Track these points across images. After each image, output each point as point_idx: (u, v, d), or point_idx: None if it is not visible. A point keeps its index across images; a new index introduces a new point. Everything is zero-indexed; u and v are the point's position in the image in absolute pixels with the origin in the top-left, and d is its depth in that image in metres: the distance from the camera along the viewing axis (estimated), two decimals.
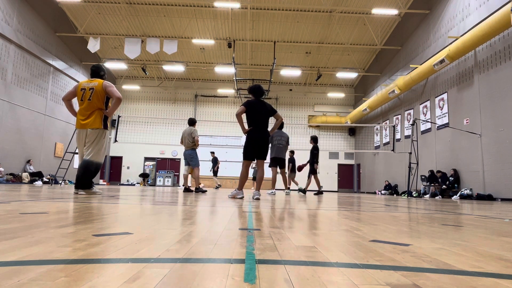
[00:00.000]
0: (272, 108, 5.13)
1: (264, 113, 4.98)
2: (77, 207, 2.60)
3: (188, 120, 8.33)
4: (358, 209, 3.63)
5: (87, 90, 4.55)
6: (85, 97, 4.52)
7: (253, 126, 4.94)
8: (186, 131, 8.05)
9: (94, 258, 0.91)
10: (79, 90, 4.57)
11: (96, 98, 4.54)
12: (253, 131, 4.93)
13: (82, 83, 4.64)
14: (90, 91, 4.54)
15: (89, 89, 4.55)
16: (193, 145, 7.97)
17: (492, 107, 10.42)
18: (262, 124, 4.97)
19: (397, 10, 14.86)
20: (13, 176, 13.32)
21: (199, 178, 8.00)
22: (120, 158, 22.90)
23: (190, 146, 7.97)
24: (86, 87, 4.57)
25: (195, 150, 8.05)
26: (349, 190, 23.24)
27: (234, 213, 2.54)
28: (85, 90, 4.55)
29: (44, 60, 15.81)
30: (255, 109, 4.94)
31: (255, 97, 5.11)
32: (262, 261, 0.94)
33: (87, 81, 4.64)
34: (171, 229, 1.52)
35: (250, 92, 5.15)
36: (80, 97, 4.54)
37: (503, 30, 9.59)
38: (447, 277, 0.82)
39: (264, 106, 5.00)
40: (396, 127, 16.12)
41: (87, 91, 4.54)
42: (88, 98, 4.51)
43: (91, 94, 4.52)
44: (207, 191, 9.19)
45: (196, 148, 8.06)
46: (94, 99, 4.53)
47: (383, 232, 1.67)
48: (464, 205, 5.56)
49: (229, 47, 18.63)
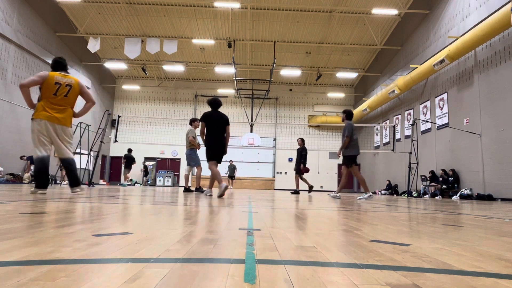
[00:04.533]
0: (227, 120, 5.78)
1: (220, 123, 5.66)
2: (77, 207, 2.60)
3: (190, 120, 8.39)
4: (358, 209, 3.63)
5: (63, 86, 4.35)
6: (61, 93, 4.34)
7: (210, 135, 5.60)
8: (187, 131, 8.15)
9: (94, 258, 0.91)
10: (53, 83, 4.30)
11: (73, 96, 4.45)
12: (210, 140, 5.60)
13: (55, 75, 4.35)
14: (67, 87, 4.38)
15: (65, 85, 4.37)
16: (191, 145, 7.93)
17: (492, 107, 10.42)
18: (218, 132, 5.64)
19: (397, 10, 14.86)
20: (13, 176, 13.32)
21: (200, 178, 7.91)
22: (120, 158, 22.89)
23: (189, 146, 7.97)
24: (61, 82, 4.35)
25: (194, 150, 7.97)
26: (349, 190, 23.24)
27: (234, 213, 2.54)
28: (61, 85, 4.34)
29: (44, 60, 15.80)
30: (211, 119, 5.62)
31: (212, 109, 5.75)
32: (262, 261, 0.94)
33: (60, 75, 4.40)
34: (171, 229, 1.52)
35: (209, 104, 5.80)
36: (54, 91, 4.30)
37: (503, 30, 9.59)
38: (447, 277, 0.82)
39: (220, 117, 5.68)
40: (396, 127, 16.12)
41: (63, 86, 4.35)
42: (65, 94, 4.37)
43: (68, 91, 4.38)
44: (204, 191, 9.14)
45: (197, 148, 8.00)
46: (71, 97, 4.43)
47: (383, 232, 1.67)
48: (464, 205, 5.56)
49: (229, 47, 18.63)
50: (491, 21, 9.74)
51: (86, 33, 18.16)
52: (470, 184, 11.20)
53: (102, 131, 11.34)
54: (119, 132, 22.27)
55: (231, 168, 18.58)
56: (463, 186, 11.48)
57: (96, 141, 11.81)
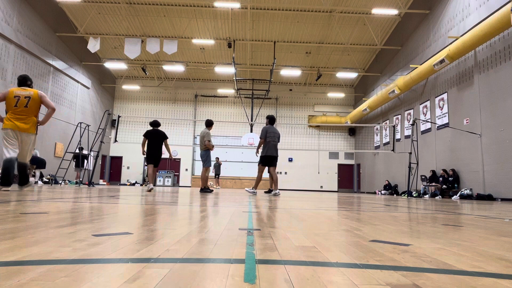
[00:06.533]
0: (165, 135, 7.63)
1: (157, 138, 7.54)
2: (77, 207, 2.60)
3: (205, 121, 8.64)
4: (358, 209, 3.63)
5: (22, 98, 5.03)
6: (21, 104, 5.01)
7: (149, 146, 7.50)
8: (201, 133, 8.38)
9: (94, 258, 0.91)
10: (13, 97, 5.01)
11: (33, 106, 5.11)
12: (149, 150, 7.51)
13: (14, 90, 5.07)
14: (26, 99, 5.05)
15: (24, 97, 5.04)
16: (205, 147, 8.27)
17: (492, 107, 10.42)
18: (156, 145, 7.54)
19: (397, 10, 14.86)
20: None
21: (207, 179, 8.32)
22: (120, 158, 22.90)
23: (203, 148, 8.31)
24: (20, 95, 5.04)
25: (208, 151, 8.35)
26: (349, 190, 23.24)
27: (234, 213, 2.54)
28: (20, 97, 5.02)
29: (44, 60, 15.80)
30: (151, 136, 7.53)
31: (153, 127, 7.61)
32: (262, 261, 0.94)
33: (19, 89, 5.10)
34: (171, 229, 1.52)
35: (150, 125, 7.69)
36: (15, 103, 5.00)
37: (503, 30, 9.59)
38: (447, 277, 0.82)
39: (158, 134, 7.55)
40: (396, 127, 16.12)
41: (22, 99, 5.03)
42: (25, 105, 5.03)
43: (28, 102, 5.05)
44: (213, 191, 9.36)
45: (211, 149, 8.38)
46: (32, 106, 5.09)
47: (383, 232, 1.67)
48: (464, 205, 5.56)
49: (229, 47, 18.63)
50: (491, 21, 9.74)
51: (86, 33, 18.16)
52: (470, 184, 11.20)
53: (102, 131, 11.35)
54: (119, 132, 22.27)
55: (217, 166, 18.06)
56: (463, 186, 11.48)
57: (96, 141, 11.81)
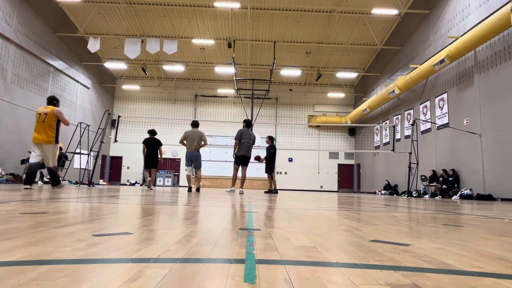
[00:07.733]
0: (160, 142, 9.32)
1: (153, 145, 9.18)
2: (77, 207, 2.60)
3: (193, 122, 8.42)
4: (358, 209, 3.63)
5: (42, 115, 6.17)
6: (41, 120, 6.15)
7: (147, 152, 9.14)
8: (195, 133, 8.17)
9: (94, 258, 0.91)
10: (37, 114, 6.22)
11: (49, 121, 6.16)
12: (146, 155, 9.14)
13: (40, 109, 6.29)
14: (44, 115, 6.18)
15: (43, 114, 6.19)
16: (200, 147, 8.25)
17: (492, 107, 10.42)
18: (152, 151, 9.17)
19: (397, 10, 14.86)
20: (13, 176, 13.31)
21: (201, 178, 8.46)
22: (120, 158, 22.90)
23: (198, 148, 8.24)
24: (42, 112, 6.21)
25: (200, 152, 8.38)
26: (349, 190, 23.24)
27: (234, 213, 2.54)
28: (41, 114, 6.17)
29: (44, 60, 15.80)
30: (149, 143, 9.18)
31: (150, 135, 9.25)
32: (262, 261, 0.94)
33: (43, 108, 6.29)
34: (171, 229, 1.52)
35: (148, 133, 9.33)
36: (37, 119, 6.19)
37: (503, 30, 9.59)
38: (447, 277, 0.82)
39: (154, 141, 9.23)
40: (396, 127, 16.12)
41: (42, 115, 6.17)
42: (43, 120, 6.14)
43: (45, 118, 6.16)
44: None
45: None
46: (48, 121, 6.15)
47: (383, 232, 1.67)
48: (464, 205, 5.56)
49: (229, 47, 18.63)
50: (491, 21, 9.74)
51: (86, 33, 18.16)
52: (470, 184, 11.20)
53: (102, 131, 11.34)
54: (119, 132, 22.27)
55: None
56: (463, 186, 11.48)
57: (96, 141, 11.81)
